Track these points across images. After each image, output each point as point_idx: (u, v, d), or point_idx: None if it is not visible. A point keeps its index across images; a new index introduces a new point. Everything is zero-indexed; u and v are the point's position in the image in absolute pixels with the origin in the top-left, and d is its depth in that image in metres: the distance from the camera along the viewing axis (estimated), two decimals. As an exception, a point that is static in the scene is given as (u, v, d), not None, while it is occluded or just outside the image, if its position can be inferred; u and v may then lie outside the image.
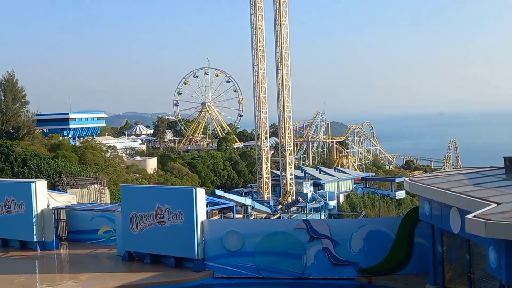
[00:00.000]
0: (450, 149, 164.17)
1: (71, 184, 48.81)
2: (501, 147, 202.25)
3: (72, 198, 32.81)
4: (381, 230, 22.26)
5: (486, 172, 20.52)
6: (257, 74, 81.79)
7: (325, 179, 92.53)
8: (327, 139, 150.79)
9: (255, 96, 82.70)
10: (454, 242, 18.68)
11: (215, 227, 23.70)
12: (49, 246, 28.45)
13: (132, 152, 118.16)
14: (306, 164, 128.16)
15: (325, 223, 23.65)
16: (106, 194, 48.62)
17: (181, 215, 23.53)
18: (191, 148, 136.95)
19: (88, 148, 78.01)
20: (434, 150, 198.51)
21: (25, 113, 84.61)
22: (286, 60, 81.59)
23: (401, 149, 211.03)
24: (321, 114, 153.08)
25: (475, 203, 15.64)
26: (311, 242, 22.56)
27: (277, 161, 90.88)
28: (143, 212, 24.62)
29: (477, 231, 14.15)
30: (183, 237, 23.45)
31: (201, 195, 23.72)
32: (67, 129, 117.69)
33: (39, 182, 29.13)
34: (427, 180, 20.23)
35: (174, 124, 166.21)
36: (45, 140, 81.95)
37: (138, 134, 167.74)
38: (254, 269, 23.02)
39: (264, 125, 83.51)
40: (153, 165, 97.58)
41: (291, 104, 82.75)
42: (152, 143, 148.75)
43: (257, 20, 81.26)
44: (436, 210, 18.87)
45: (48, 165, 55.68)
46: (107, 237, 29.02)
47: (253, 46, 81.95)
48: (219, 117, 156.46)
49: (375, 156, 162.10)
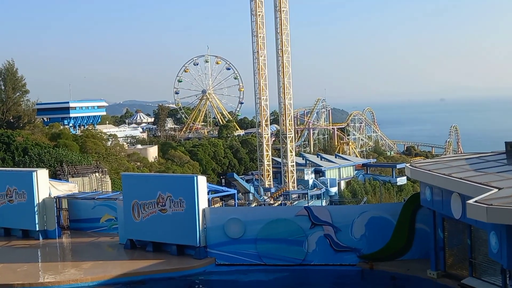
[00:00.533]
0: (451, 135, 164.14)
1: (72, 173, 48.93)
2: (502, 133, 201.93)
3: (74, 187, 32.83)
4: (382, 216, 22.27)
5: (487, 158, 20.49)
6: (257, 61, 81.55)
7: (326, 166, 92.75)
8: (328, 126, 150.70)
9: (256, 83, 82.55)
10: (456, 228, 18.71)
11: (216, 215, 23.74)
12: (51, 235, 28.54)
13: (133, 141, 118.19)
14: (307, 151, 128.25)
15: (327, 209, 23.64)
16: (107, 182, 48.71)
17: (182, 203, 23.56)
18: (192, 136, 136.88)
19: (89, 136, 78.05)
20: (435, 136, 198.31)
21: (26, 102, 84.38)
22: (287, 47, 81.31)
23: (402, 135, 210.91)
24: (322, 100, 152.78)
25: (476, 188, 15.62)
26: (313, 228, 22.59)
27: (278, 148, 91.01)
28: (144, 200, 24.65)
29: (478, 216, 14.15)
30: (185, 224, 23.50)
31: (203, 182, 23.72)
32: (67, 118, 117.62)
33: (40, 171, 29.14)
34: (428, 166, 20.21)
35: (174, 112, 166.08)
36: (45, 129, 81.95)
37: (138, 123, 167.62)
38: (256, 256, 23.07)
39: (265, 112, 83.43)
40: (154, 153, 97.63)
41: (291, 91, 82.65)
42: (153, 131, 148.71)
43: (257, 7, 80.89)
44: (437, 195, 18.87)
45: (49, 154, 55.77)
46: (109, 225, 29.10)
47: (253, 33, 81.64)
48: (220, 105, 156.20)
49: (376, 142, 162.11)
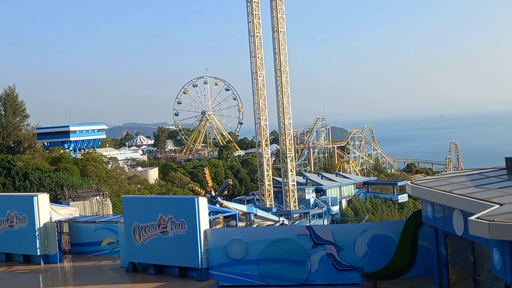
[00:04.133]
0: (451, 151, 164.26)
1: (73, 197, 48.90)
2: (501, 148, 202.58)
3: (75, 211, 32.71)
4: (384, 234, 22.19)
5: (488, 173, 20.46)
6: (256, 81, 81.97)
7: (327, 185, 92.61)
8: (328, 145, 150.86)
9: (255, 103, 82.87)
10: (458, 244, 18.62)
11: (218, 236, 23.64)
12: (53, 259, 28.36)
13: (134, 163, 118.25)
14: (308, 170, 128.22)
15: (328, 228, 23.55)
16: (108, 205, 48.63)
17: (184, 224, 23.48)
18: (192, 157, 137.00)
19: (89, 160, 78.07)
20: (436, 152, 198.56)
21: (26, 127, 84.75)
22: (285, 67, 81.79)
23: (402, 152, 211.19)
24: (321, 119, 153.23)
25: (478, 204, 15.59)
26: (315, 248, 22.49)
27: (279, 168, 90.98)
28: (145, 223, 24.57)
29: (480, 233, 14.10)
30: (186, 246, 23.40)
31: (203, 204, 23.68)
32: (68, 141, 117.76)
33: (41, 196, 29.05)
34: (429, 183, 20.18)
35: (174, 134, 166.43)
36: (46, 154, 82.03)
37: (139, 145, 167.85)
38: (259, 276, 22.94)
39: (265, 132, 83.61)
40: (155, 175, 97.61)
41: (291, 110, 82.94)
42: (153, 153, 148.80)
43: (255, 28, 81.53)
44: (439, 212, 18.82)
45: (49, 178, 55.77)
46: (110, 248, 28.93)
47: (252, 53, 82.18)
48: (219, 126, 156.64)
49: (376, 160, 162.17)
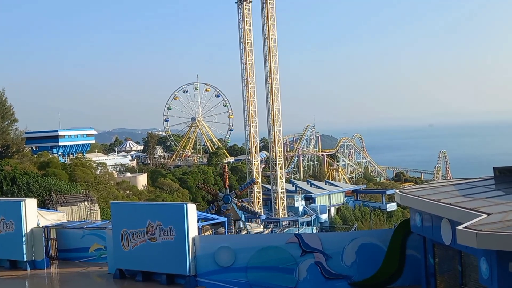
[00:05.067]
0: (440, 161, 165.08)
1: (61, 202, 48.63)
2: (489, 157, 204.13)
3: (62, 216, 32.54)
4: (373, 242, 22.21)
5: (476, 183, 20.58)
6: (246, 88, 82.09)
7: (316, 193, 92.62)
8: (318, 153, 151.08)
9: (245, 110, 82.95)
10: (446, 254, 18.69)
11: (206, 243, 23.57)
12: (39, 265, 28.15)
13: (122, 169, 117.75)
14: (297, 177, 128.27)
15: (317, 236, 23.54)
16: (96, 211, 48.39)
17: (172, 231, 23.40)
18: (181, 163, 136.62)
19: (78, 165, 77.61)
20: (424, 161, 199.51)
21: (14, 131, 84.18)
22: (275, 74, 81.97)
23: (391, 161, 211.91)
24: (311, 127, 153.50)
25: (465, 214, 15.66)
26: (303, 256, 22.46)
27: (268, 175, 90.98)
28: (134, 229, 24.46)
29: (468, 242, 14.16)
30: (174, 253, 23.31)
31: (192, 210, 23.61)
32: (56, 146, 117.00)
33: (28, 201, 28.87)
34: (417, 192, 20.26)
35: (164, 140, 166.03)
36: (34, 158, 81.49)
37: (128, 151, 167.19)
38: (247, 284, 22.86)
39: (254, 139, 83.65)
40: (144, 181, 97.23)
41: (280, 117, 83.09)
42: (142, 159, 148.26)
43: (246, 35, 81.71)
44: (427, 221, 18.89)
45: (37, 183, 55.40)
46: (98, 255, 28.76)
47: (242, 60, 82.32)
48: (209, 132, 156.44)
49: (365, 168, 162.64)
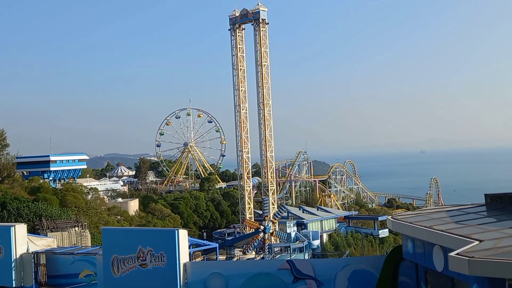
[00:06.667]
0: (431, 187, 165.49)
1: (52, 227, 48.19)
2: (480, 185, 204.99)
3: (53, 242, 32.26)
4: (365, 269, 22.14)
5: (468, 210, 20.64)
6: (239, 114, 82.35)
7: (308, 219, 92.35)
8: (310, 178, 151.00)
9: (237, 136, 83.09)
10: (438, 280, 18.63)
11: (198, 269, 23.39)
12: (28, 291, 27.84)
13: (114, 194, 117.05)
14: (289, 203, 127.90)
15: (309, 263, 23.44)
16: (87, 237, 47.97)
17: (163, 257, 23.23)
18: (173, 189, 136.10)
19: (69, 190, 77.16)
20: (416, 188, 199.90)
21: (5, 156, 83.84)
22: (268, 100, 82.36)
23: (383, 187, 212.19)
24: (303, 153, 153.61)
25: (457, 240, 15.67)
26: (295, 282, 22.33)
27: (260, 200, 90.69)
28: (124, 255, 24.26)
29: (460, 269, 14.14)
30: (165, 280, 23.10)
31: (184, 236, 23.49)
32: (47, 171, 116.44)
33: (18, 226, 28.65)
34: (409, 218, 20.27)
35: (156, 165, 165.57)
36: (25, 183, 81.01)
37: (119, 176, 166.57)
38: (238, 311, 22.66)
39: (247, 164, 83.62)
40: (135, 206, 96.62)
41: (273, 143, 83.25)
42: (134, 184, 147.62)
43: (239, 61, 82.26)
44: (420, 248, 18.86)
45: (28, 209, 54.98)
46: (87, 281, 28.44)
47: (235, 86, 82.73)
48: (201, 158, 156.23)
49: (357, 194, 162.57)
